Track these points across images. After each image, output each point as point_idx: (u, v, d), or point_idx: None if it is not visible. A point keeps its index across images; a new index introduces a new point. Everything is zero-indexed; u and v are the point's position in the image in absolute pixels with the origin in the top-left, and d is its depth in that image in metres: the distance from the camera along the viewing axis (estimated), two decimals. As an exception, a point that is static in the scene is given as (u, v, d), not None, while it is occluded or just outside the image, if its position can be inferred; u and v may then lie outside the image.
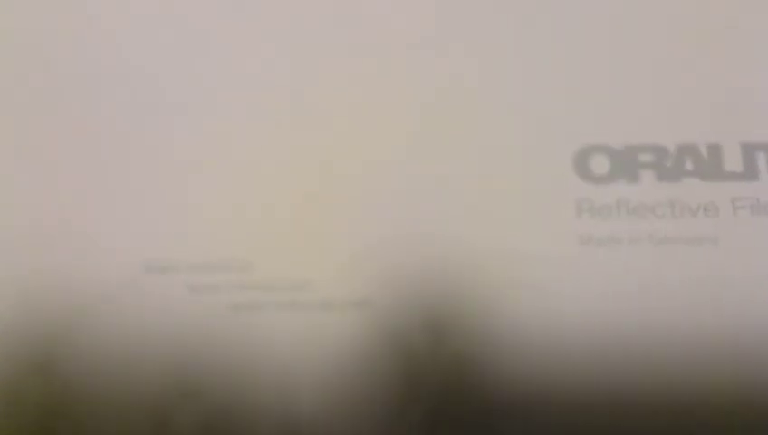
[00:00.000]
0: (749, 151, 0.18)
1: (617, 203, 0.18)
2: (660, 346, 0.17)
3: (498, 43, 0.19)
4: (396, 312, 0.18)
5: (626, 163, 0.18)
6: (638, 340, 0.17)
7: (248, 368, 0.17)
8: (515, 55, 0.19)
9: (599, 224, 0.18)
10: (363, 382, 0.17)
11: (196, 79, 0.19)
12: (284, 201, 0.18)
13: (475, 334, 0.17)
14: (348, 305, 0.18)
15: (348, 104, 0.19)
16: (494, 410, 0.17)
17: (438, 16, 0.19)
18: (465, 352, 0.17)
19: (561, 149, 0.18)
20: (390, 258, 0.18)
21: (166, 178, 0.19)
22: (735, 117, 0.18)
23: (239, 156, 0.19)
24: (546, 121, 0.18)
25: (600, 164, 0.18)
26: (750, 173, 0.18)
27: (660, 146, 0.18)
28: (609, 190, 0.18)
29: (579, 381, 0.17)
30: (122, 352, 0.18)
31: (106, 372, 0.18)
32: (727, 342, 0.17)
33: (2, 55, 0.20)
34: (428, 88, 0.19)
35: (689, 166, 0.18)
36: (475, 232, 0.18)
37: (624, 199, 0.18)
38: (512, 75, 0.19)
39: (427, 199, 0.18)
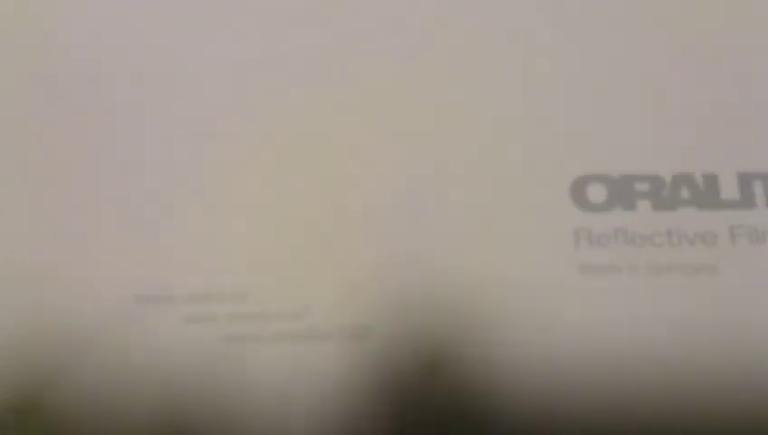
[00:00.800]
0: (745, 180, 0.18)
1: (614, 232, 0.18)
2: (661, 376, 0.17)
3: (492, 73, 0.19)
4: (394, 342, 0.17)
5: (623, 192, 0.18)
6: (638, 370, 0.17)
7: (243, 399, 0.17)
8: (511, 85, 0.19)
9: (598, 252, 0.18)
10: (359, 414, 0.17)
11: (191, 108, 0.19)
12: (280, 230, 0.18)
13: (472, 365, 0.17)
14: (345, 335, 0.17)
15: (345, 132, 0.19)
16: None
17: (436, 43, 0.20)
18: (463, 384, 0.17)
19: (558, 179, 0.18)
20: (388, 288, 0.18)
21: (159, 207, 0.18)
22: (731, 145, 0.18)
23: (234, 185, 0.19)
24: (543, 151, 0.18)
25: (598, 193, 0.18)
26: (747, 201, 0.18)
27: (656, 175, 0.18)
28: (607, 219, 0.18)
29: (578, 412, 0.17)
30: (113, 382, 0.17)
31: (94, 405, 0.17)
32: (727, 370, 0.17)
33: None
34: (425, 118, 0.19)
35: (685, 195, 0.18)
36: (473, 262, 0.18)
37: (622, 228, 0.18)
38: (508, 105, 0.19)
39: (424, 230, 0.18)
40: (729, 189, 0.18)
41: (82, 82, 0.20)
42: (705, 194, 0.18)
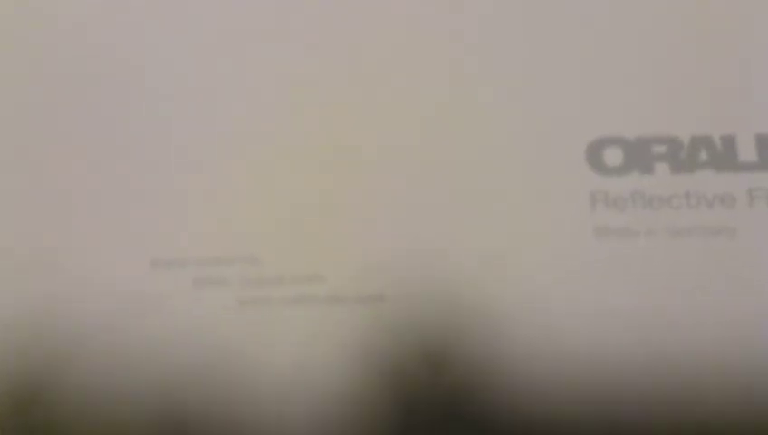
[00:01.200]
0: (763, 142, 0.18)
1: (632, 195, 0.18)
2: (677, 342, 0.17)
3: (508, 36, 0.19)
4: (407, 306, 0.17)
5: (640, 155, 0.18)
6: (654, 337, 0.17)
7: (254, 361, 0.17)
8: (526, 48, 0.19)
9: (614, 216, 0.17)
10: (368, 382, 0.17)
11: (201, 73, 0.19)
12: (293, 195, 0.18)
13: (484, 345, 0.17)
14: (358, 300, 0.17)
15: (359, 97, 0.19)
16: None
17: (447, 10, 0.19)
18: (473, 363, 0.17)
19: (574, 142, 0.18)
20: (401, 253, 0.18)
21: (173, 172, 0.18)
22: (749, 107, 0.18)
23: (248, 150, 0.18)
24: (558, 114, 0.18)
25: (614, 156, 0.18)
26: (765, 163, 0.18)
27: (674, 137, 0.18)
28: (624, 182, 0.18)
29: (587, 395, 0.17)
30: (124, 352, 0.17)
31: (104, 378, 0.17)
32: (745, 333, 0.17)
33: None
34: (439, 83, 0.19)
35: (704, 157, 0.18)
36: (488, 224, 0.18)
37: (639, 191, 0.18)
38: (522, 68, 0.19)
39: (439, 193, 0.18)
40: (747, 152, 0.18)
41: (89, 53, 0.19)
42: (724, 156, 0.18)
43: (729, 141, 0.18)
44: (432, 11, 0.19)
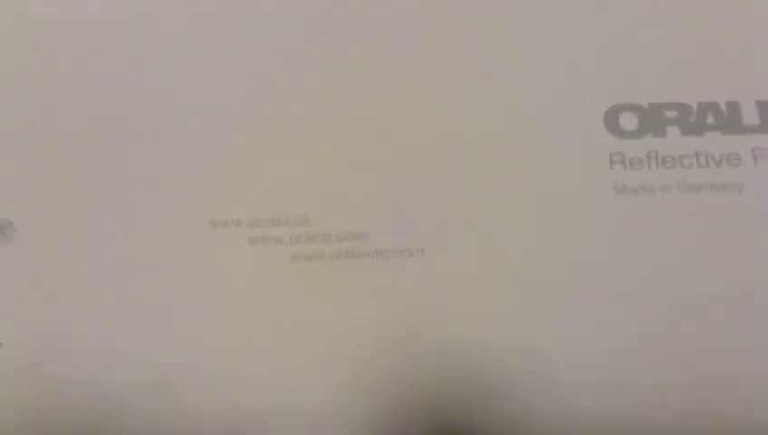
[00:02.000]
0: (765, 107, 0.20)
1: (646, 155, 0.19)
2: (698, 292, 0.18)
3: (530, 10, 0.21)
4: (448, 260, 0.19)
5: (653, 120, 0.20)
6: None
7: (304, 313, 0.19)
8: (548, 25, 0.21)
9: (631, 175, 0.19)
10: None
11: (252, 40, 0.21)
12: (338, 161, 0.20)
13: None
14: (401, 254, 0.19)
15: (404, 65, 0.20)
16: None
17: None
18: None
19: (593, 108, 0.20)
20: (440, 210, 0.19)
21: (231, 144, 0.20)
22: (750, 76, 0.20)
23: (297, 118, 0.20)
24: (578, 85, 0.20)
25: (630, 121, 0.20)
26: (767, 126, 0.19)
27: (683, 104, 0.20)
28: (639, 145, 0.20)
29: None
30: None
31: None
32: (753, 278, 0.19)
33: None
34: (465, 51, 0.20)
35: (711, 121, 0.20)
36: (516, 181, 0.19)
37: (653, 152, 0.19)
38: (547, 43, 0.20)
39: (470, 157, 0.20)
40: (750, 116, 0.20)
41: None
42: (729, 120, 0.20)
43: (734, 107, 0.20)
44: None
